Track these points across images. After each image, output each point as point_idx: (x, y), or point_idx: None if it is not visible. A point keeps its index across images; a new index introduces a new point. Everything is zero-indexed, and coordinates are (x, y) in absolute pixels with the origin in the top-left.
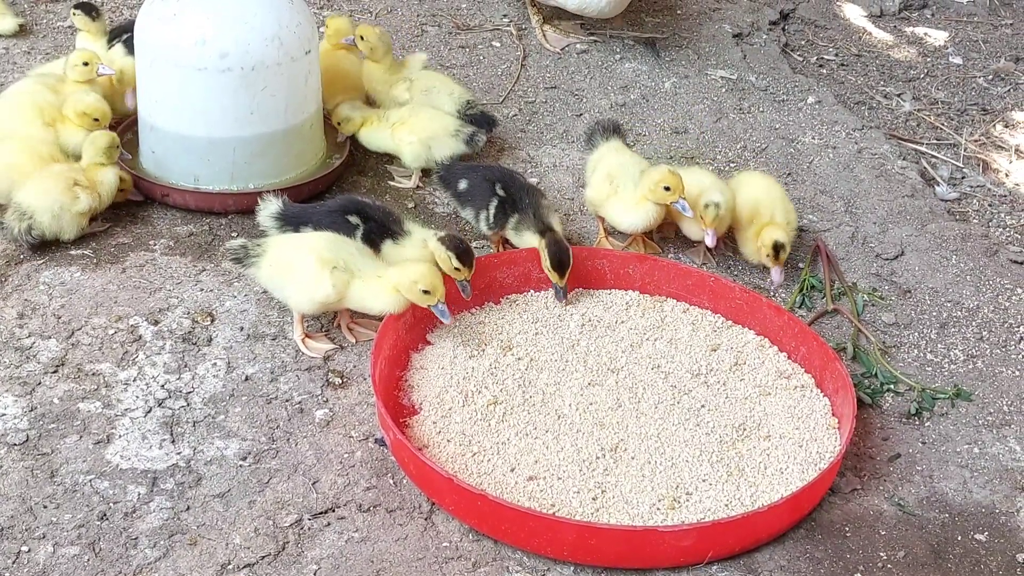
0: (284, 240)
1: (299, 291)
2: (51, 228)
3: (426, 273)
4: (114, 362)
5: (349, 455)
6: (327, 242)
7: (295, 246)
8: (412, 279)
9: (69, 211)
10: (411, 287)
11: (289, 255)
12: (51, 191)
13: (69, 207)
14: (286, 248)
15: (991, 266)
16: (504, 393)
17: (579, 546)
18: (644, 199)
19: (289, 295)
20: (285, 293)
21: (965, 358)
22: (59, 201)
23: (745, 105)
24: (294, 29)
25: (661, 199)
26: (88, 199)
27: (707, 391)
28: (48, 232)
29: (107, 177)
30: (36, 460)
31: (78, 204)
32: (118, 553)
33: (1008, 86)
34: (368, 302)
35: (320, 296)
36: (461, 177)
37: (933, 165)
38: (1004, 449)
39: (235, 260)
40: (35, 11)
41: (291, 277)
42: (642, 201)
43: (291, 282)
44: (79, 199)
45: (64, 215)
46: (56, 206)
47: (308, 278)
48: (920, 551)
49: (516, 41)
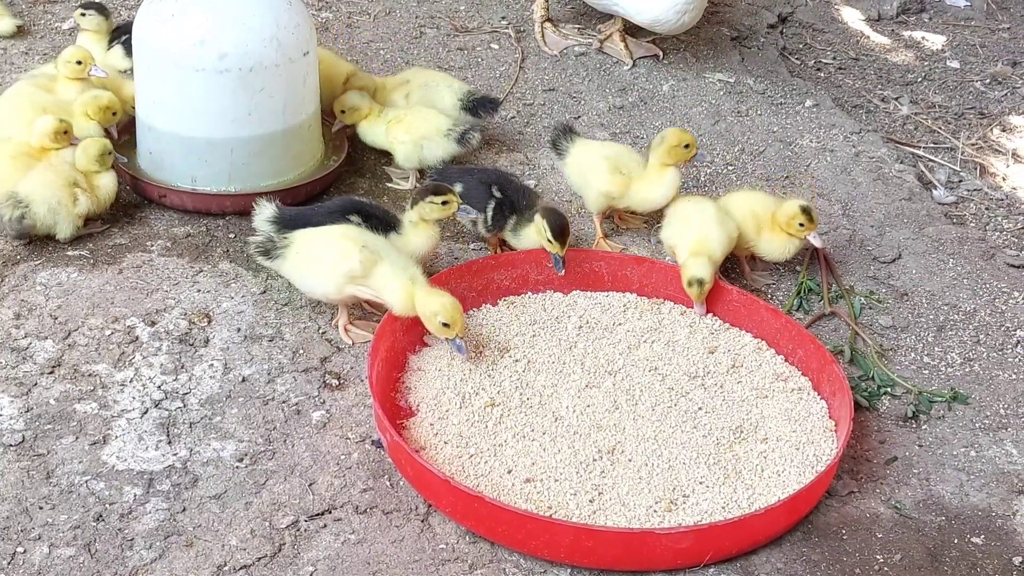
0: (311, 231)
1: (326, 270)
2: (44, 222)
3: (448, 306)
4: (111, 363)
5: (346, 457)
6: (357, 230)
7: (324, 233)
8: (433, 311)
9: (67, 208)
10: (431, 318)
11: (318, 242)
12: (52, 184)
13: (67, 205)
14: (314, 237)
15: (988, 269)
16: (501, 395)
17: (576, 548)
18: (663, 165)
19: (315, 281)
20: (310, 281)
21: (962, 361)
22: (58, 196)
23: (743, 108)
24: (292, 30)
25: (678, 158)
26: (87, 202)
27: (704, 393)
28: (40, 225)
29: (105, 182)
30: (32, 461)
31: (77, 205)
32: (114, 554)
33: (1005, 90)
34: (386, 292)
35: (346, 268)
36: (456, 180)
37: (930, 169)
38: (1001, 452)
39: (262, 253)
40: (33, 12)
41: (319, 261)
42: (660, 169)
43: (318, 265)
44: (78, 201)
45: (60, 211)
46: (54, 200)
47: (336, 254)
48: (917, 554)
49: (514, 43)
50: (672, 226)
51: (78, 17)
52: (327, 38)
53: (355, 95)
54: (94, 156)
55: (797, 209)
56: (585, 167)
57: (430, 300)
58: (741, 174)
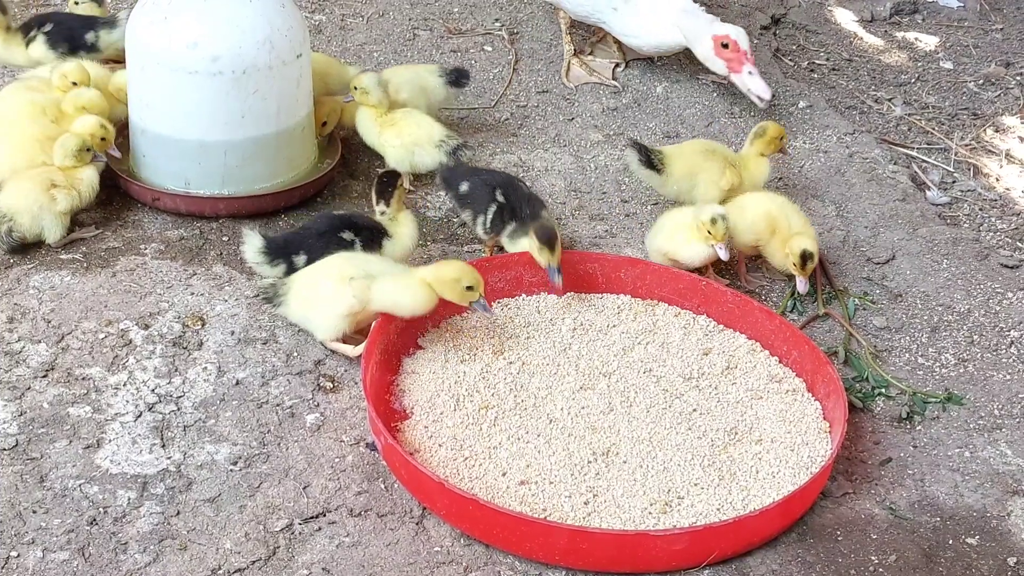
0: (305, 272)
1: (325, 315)
2: (31, 229)
3: (466, 269)
4: (104, 366)
5: (340, 459)
6: (343, 260)
7: (314, 273)
8: (454, 277)
9: (49, 211)
10: (453, 285)
11: (310, 283)
12: (29, 192)
13: (48, 207)
14: (307, 279)
15: (982, 270)
16: (496, 397)
17: (571, 550)
18: (759, 155)
19: (318, 324)
20: (314, 324)
21: (956, 362)
22: (38, 202)
23: (736, 110)
24: (285, 33)
25: (773, 149)
26: (67, 199)
27: (699, 395)
28: (29, 234)
29: (86, 175)
30: (25, 465)
31: (56, 204)
32: (108, 558)
33: (998, 90)
34: (398, 297)
35: (343, 308)
36: (464, 179)
37: (924, 169)
38: (995, 453)
39: (265, 300)
40: (25, 16)
41: (316, 305)
42: (757, 158)
43: (317, 310)
44: (56, 200)
45: (44, 215)
46: (35, 207)
47: (329, 298)
48: (911, 555)
49: (508, 45)
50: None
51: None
52: (320, 40)
53: (373, 77)
54: (72, 151)
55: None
56: (694, 169)
57: (446, 269)
58: None
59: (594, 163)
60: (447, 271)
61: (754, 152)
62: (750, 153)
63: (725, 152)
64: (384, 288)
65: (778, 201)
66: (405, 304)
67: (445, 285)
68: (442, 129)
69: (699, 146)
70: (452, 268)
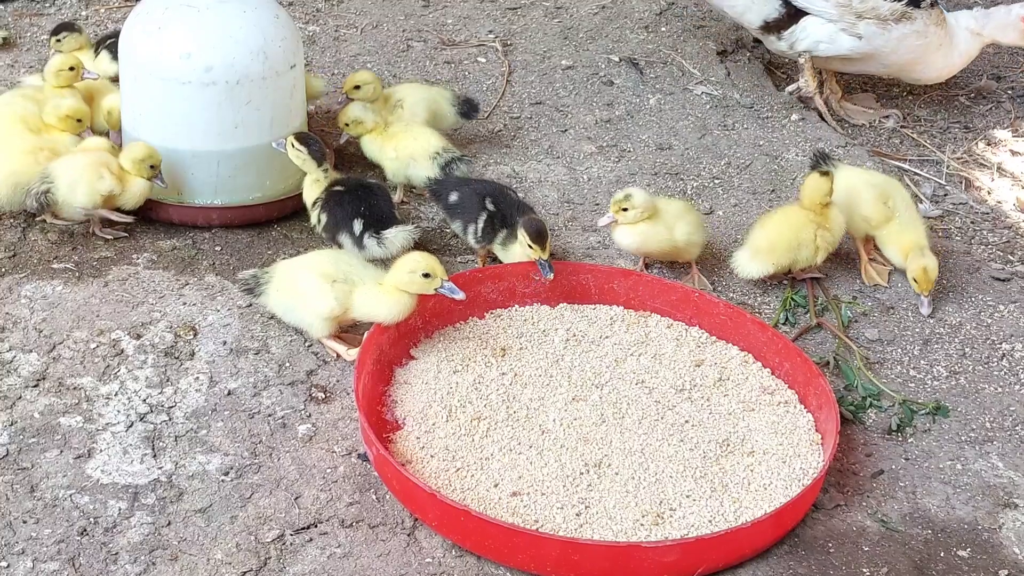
0: (287, 264)
1: (307, 311)
2: (65, 197)
3: (419, 258)
4: (95, 376)
5: (332, 470)
6: (327, 258)
7: (297, 267)
8: (409, 269)
9: (87, 183)
10: (411, 278)
11: (292, 276)
12: (78, 162)
13: (90, 180)
14: (289, 271)
15: (973, 283)
16: (488, 408)
17: (563, 562)
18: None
19: (301, 317)
20: (296, 316)
21: (948, 374)
22: (82, 171)
23: (729, 122)
24: (279, 43)
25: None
26: (111, 183)
27: (691, 406)
28: (62, 201)
29: (138, 184)
30: (16, 475)
31: (101, 182)
32: (98, 569)
33: (990, 104)
34: (374, 308)
35: (325, 311)
36: (452, 190)
37: (916, 182)
38: (987, 465)
39: (246, 290)
40: (19, 24)
41: (298, 298)
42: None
43: (299, 303)
44: (103, 179)
45: (80, 185)
46: (76, 173)
47: (311, 295)
48: (903, 567)
49: (501, 57)
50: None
51: (54, 44)
52: (314, 51)
53: (358, 107)
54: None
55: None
56: (852, 192)
57: (398, 267)
58: (728, 187)
59: (587, 174)
60: (399, 268)
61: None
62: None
63: (887, 188)
64: (361, 298)
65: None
66: (381, 314)
67: (404, 283)
68: (439, 142)
69: (863, 176)
70: (403, 264)
